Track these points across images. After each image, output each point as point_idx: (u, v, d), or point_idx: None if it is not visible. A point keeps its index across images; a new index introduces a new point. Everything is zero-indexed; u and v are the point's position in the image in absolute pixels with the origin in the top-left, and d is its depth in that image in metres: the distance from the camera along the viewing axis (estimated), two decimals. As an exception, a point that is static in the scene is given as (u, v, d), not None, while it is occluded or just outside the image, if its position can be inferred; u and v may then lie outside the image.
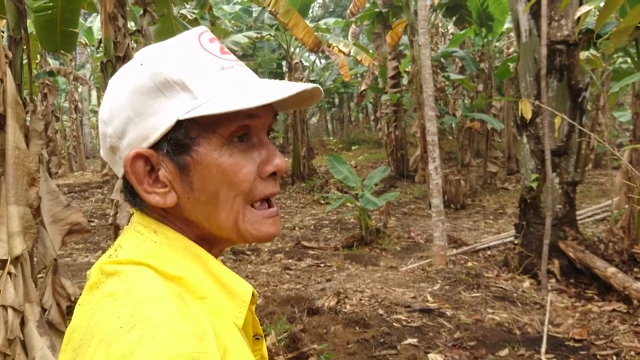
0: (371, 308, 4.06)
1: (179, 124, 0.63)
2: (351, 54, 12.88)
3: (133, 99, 0.64)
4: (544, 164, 4.66)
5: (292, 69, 12.67)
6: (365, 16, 11.94)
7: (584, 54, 9.12)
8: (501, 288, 4.54)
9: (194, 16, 7.77)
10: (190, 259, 0.65)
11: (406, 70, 12.47)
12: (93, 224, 8.49)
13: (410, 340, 3.49)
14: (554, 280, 4.66)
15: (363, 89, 13.51)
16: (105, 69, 3.81)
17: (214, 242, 0.70)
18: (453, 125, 13.85)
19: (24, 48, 3.06)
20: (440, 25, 15.19)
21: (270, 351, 3.17)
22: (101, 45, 3.96)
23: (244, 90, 0.64)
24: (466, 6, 9.62)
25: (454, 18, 10.57)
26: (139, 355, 0.51)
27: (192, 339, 0.53)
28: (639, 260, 4.64)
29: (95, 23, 13.32)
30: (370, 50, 13.60)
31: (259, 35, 12.05)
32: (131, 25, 4.73)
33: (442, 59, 11.88)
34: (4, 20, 3.21)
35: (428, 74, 5.58)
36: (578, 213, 5.81)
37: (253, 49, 13.95)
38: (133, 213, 0.71)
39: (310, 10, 18.19)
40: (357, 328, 3.67)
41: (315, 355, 3.24)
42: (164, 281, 0.60)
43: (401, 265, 5.66)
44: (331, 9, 26.83)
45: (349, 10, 13.15)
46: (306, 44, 10.82)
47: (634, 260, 4.64)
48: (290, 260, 6.04)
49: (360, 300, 4.26)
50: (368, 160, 15.63)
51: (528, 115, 4.06)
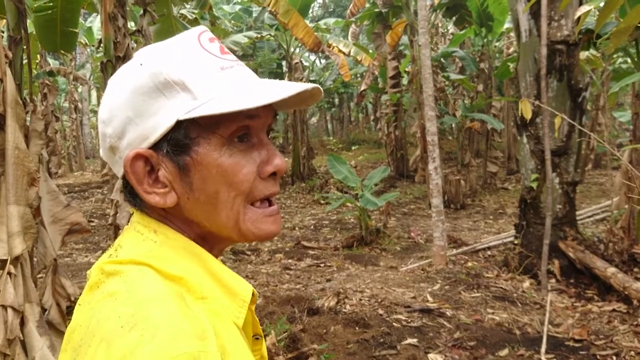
0: (371, 308, 4.06)
1: (179, 124, 0.62)
2: (351, 54, 12.88)
3: (133, 99, 0.64)
4: (544, 164, 4.66)
5: (292, 69, 12.67)
6: (365, 16, 11.94)
7: (584, 54, 9.11)
8: (501, 288, 4.54)
9: (193, 16, 7.76)
10: (190, 258, 0.65)
11: (406, 70, 12.47)
12: (93, 224, 8.49)
13: (410, 341, 3.49)
14: (554, 280, 4.66)
15: (363, 89, 13.51)
16: (105, 69, 3.81)
17: (215, 242, 0.70)
18: (453, 125, 13.85)
19: (24, 48, 3.06)
20: (440, 25, 15.19)
21: (270, 351, 3.17)
22: (101, 45, 3.96)
23: (244, 90, 0.64)
24: (466, 6, 9.62)
25: (454, 18, 10.57)
26: (140, 355, 0.51)
27: (193, 339, 0.53)
28: (639, 260, 4.64)
29: (95, 23, 13.32)
30: (370, 50, 13.60)
31: (259, 35, 12.05)
32: (131, 25, 4.73)
33: (442, 59, 11.89)
34: (4, 20, 3.21)
35: (428, 74, 5.58)
36: (578, 213, 5.81)
37: (253, 49, 13.95)
38: (133, 213, 0.71)
39: (310, 10, 18.18)
40: (357, 328, 3.67)
41: (315, 355, 3.24)
42: (164, 281, 0.60)
43: (401, 265, 5.66)
44: (331, 9, 26.83)
45: (348, 10, 13.15)
46: (306, 44, 10.82)
47: (634, 260, 4.64)
48: (290, 260, 6.04)
49: (360, 300, 4.26)
50: (368, 160, 15.63)
51: (528, 115, 4.06)
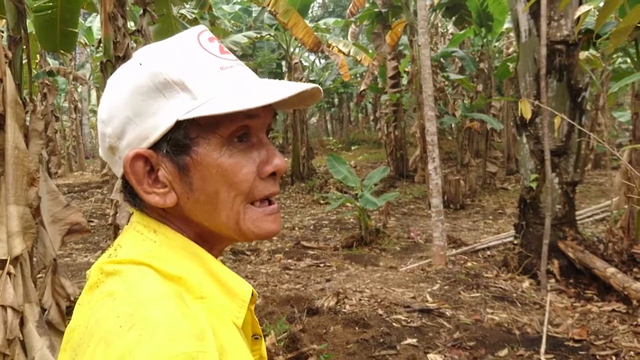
0: (371, 308, 4.06)
1: (179, 124, 0.62)
2: (351, 54, 12.89)
3: (132, 99, 0.63)
4: (543, 164, 4.66)
5: (292, 69, 12.66)
6: (365, 16, 11.94)
7: (584, 54, 9.12)
8: (500, 288, 4.54)
9: (193, 16, 7.77)
10: (190, 258, 0.65)
11: (406, 70, 12.47)
12: (93, 224, 8.48)
13: (409, 341, 3.49)
14: (553, 280, 4.66)
15: (362, 89, 13.51)
16: (105, 68, 3.80)
17: (215, 241, 0.70)
18: (453, 125, 13.86)
19: (24, 48, 3.06)
20: (439, 25, 15.19)
21: (270, 351, 3.17)
22: (101, 45, 3.96)
23: (243, 90, 0.64)
24: (466, 6, 9.62)
25: (454, 18, 10.57)
26: (138, 355, 0.51)
27: (191, 339, 0.53)
28: (639, 260, 4.64)
29: (95, 23, 13.32)
30: (370, 50, 13.60)
31: (259, 35, 12.05)
32: (131, 25, 4.72)
33: (442, 59, 11.89)
34: (4, 20, 3.21)
35: (428, 74, 5.58)
36: (577, 213, 5.81)
37: (253, 49, 13.95)
38: (132, 213, 0.71)
39: (310, 10, 18.16)
40: (357, 328, 3.67)
41: (314, 356, 3.24)
42: (163, 281, 0.60)
43: (401, 265, 5.66)
44: (331, 9, 26.84)
45: (348, 10, 13.16)
46: (306, 44, 10.82)
47: (634, 260, 4.64)
48: (289, 260, 6.04)
49: (360, 300, 4.26)
50: (367, 160, 15.63)
51: (528, 115, 4.07)
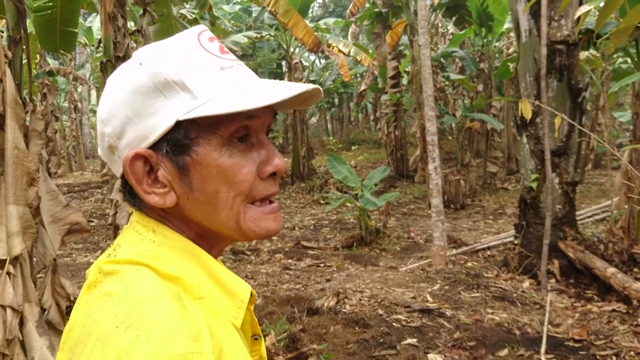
0: (371, 308, 4.06)
1: (179, 124, 0.62)
2: (351, 54, 12.88)
3: (132, 98, 0.63)
4: (543, 164, 4.66)
5: (292, 69, 12.66)
6: (365, 16, 11.94)
7: (584, 54, 9.12)
8: (501, 288, 4.54)
9: (193, 16, 7.76)
10: (188, 258, 0.64)
11: (406, 70, 12.47)
12: (92, 224, 8.49)
13: (409, 341, 3.49)
14: (553, 280, 4.66)
15: (363, 89, 13.51)
16: (105, 68, 3.80)
17: (215, 241, 0.70)
18: (453, 126, 13.86)
19: (24, 48, 3.05)
20: (440, 25, 15.19)
21: (270, 351, 3.17)
22: (101, 45, 3.95)
23: (244, 90, 0.64)
24: (466, 6, 9.62)
25: (454, 18, 10.57)
26: (135, 355, 0.51)
27: (188, 340, 0.53)
28: (639, 260, 4.64)
29: (94, 23, 13.33)
30: (370, 50, 13.60)
31: (259, 35, 12.04)
32: (131, 25, 4.72)
33: (442, 59, 11.89)
34: (4, 20, 3.21)
35: (428, 74, 5.57)
36: (578, 213, 5.81)
37: (253, 49, 13.95)
38: (132, 212, 0.70)
39: (310, 10, 18.18)
40: (357, 328, 3.67)
41: (314, 356, 3.24)
42: (161, 281, 0.60)
43: (401, 265, 5.66)
44: (331, 9, 26.84)
45: (348, 10, 13.15)
46: (306, 44, 10.82)
47: (634, 260, 4.64)
48: (289, 260, 6.04)
49: (360, 300, 4.26)
50: (368, 160, 15.63)
51: (528, 115, 4.06)
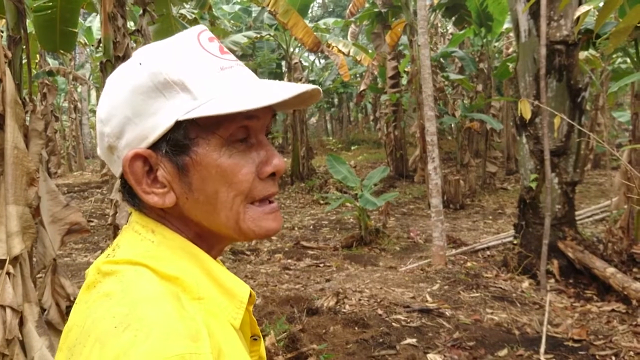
0: (370, 308, 4.06)
1: (178, 124, 0.62)
2: (350, 54, 12.88)
3: (132, 98, 0.63)
4: (543, 164, 4.66)
5: (292, 69, 12.66)
6: (365, 16, 11.94)
7: (583, 54, 9.12)
8: (500, 288, 4.54)
9: (193, 16, 7.76)
10: (187, 259, 0.64)
11: (405, 70, 12.47)
12: (92, 224, 8.48)
13: (409, 341, 3.49)
14: (553, 280, 4.66)
15: (362, 89, 13.50)
16: (105, 68, 3.80)
17: (214, 241, 0.70)
18: (452, 126, 13.85)
19: (24, 48, 3.05)
20: (439, 25, 15.19)
21: (270, 351, 3.17)
22: (100, 45, 3.95)
23: (243, 91, 0.64)
24: (465, 6, 9.62)
25: (454, 18, 10.57)
26: (133, 355, 0.51)
27: (186, 340, 0.53)
28: (638, 260, 4.64)
29: (94, 23, 13.32)
30: (370, 50, 13.60)
31: (259, 35, 12.04)
32: (130, 25, 4.72)
33: (442, 59, 11.89)
34: (4, 20, 3.21)
35: (427, 74, 5.58)
36: (577, 213, 5.81)
37: (252, 49, 13.94)
38: (131, 213, 0.70)
39: (310, 10, 18.15)
40: (357, 328, 3.67)
41: (314, 356, 3.24)
42: (160, 281, 0.60)
43: (400, 265, 5.66)
44: (330, 9, 26.84)
45: (348, 10, 13.15)
46: (305, 44, 10.81)
47: (633, 260, 4.64)
48: (289, 260, 6.04)
49: (360, 300, 4.26)
50: (367, 160, 15.63)
51: (527, 115, 4.07)
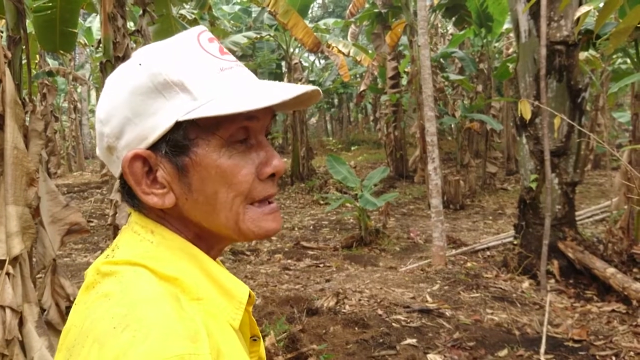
0: (370, 308, 4.06)
1: (178, 125, 0.62)
2: (350, 54, 12.88)
3: (131, 99, 0.63)
4: (543, 164, 4.66)
5: (292, 70, 12.66)
6: (365, 16, 11.95)
7: (584, 55, 9.11)
8: (500, 288, 4.54)
9: (193, 16, 7.76)
10: (187, 259, 0.64)
11: (405, 70, 12.47)
12: (92, 224, 8.48)
13: (409, 341, 3.49)
14: (553, 280, 4.66)
15: (362, 89, 13.50)
16: (105, 69, 3.80)
17: (214, 241, 0.70)
18: (452, 126, 13.85)
19: (23, 48, 3.05)
20: (439, 25, 15.20)
21: (270, 351, 3.17)
22: (100, 45, 3.95)
23: (243, 92, 0.64)
24: (465, 7, 9.62)
25: (454, 19, 10.57)
26: (132, 356, 0.51)
27: (185, 340, 0.53)
28: (638, 260, 4.64)
29: (94, 23, 13.33)
30: (370, 51, 13.60)
31: (259, 36, 12.04)
32: (130, 25, 4.72)
33: (442, 60, 11.88)
34: (3, 20, 3.21)
35: (427, 75, 5.58)
36: (577, 213, 5.81)
37: (252, 49, 13.95)
38: (130, 213, 0.70)
39: (310, 11, 18.14)
40: (357, 328, 3.67)
41: (314, 356, 3.24)
42: (159, 282, 0.60)
43: (400, 265, 5.66)
44: (330, 10, 26.85)
45: (348, 11, 13.16)
46: (305, 44, 10.81)
47: (633, 260, 4.64)
48: (289, 261, 6.03)
49: (360, 300, 4.26)
50: (367, 161, 15.63)
51: (527, 115, 4.07)
